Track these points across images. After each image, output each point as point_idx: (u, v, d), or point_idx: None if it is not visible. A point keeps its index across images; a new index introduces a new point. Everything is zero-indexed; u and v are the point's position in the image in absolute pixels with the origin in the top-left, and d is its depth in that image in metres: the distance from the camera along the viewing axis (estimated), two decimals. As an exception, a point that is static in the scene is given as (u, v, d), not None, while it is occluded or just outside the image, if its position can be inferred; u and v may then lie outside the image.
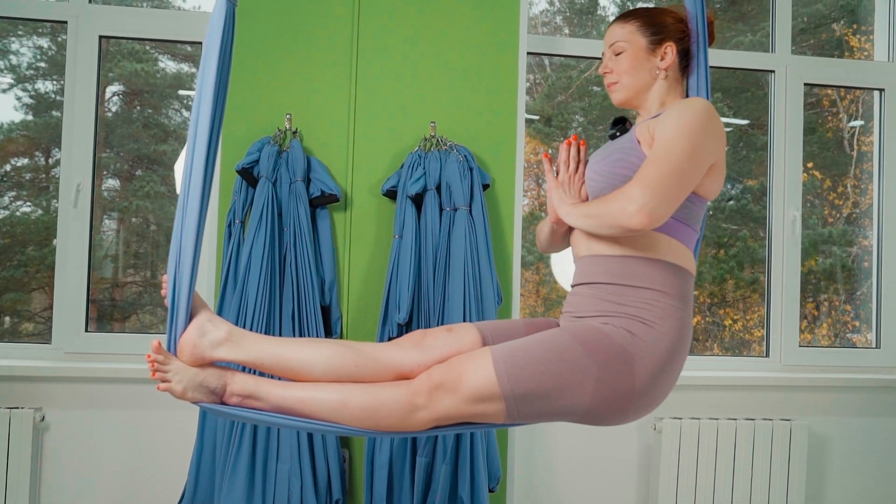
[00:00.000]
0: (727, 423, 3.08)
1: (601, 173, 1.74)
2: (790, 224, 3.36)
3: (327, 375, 1.61)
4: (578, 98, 3.61)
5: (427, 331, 1.72)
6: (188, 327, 1.60)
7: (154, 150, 3.28)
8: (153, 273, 3.30)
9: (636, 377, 1.56)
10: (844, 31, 3.67)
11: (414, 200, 2.79)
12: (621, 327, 1.60)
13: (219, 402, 1.61)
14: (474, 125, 2.95)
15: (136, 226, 3.33)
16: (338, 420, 1.57)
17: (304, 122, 2.86)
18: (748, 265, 3.62)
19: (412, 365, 1.64)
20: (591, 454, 3.13)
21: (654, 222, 1.53)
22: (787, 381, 3.21)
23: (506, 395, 1.54)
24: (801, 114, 3.40)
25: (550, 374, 1.54)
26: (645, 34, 1.79)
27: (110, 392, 2.89)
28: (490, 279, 2.78)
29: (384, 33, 2.92)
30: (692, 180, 1.60)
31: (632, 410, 1.60)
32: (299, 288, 2.70)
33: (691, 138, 1.59)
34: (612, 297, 1.65)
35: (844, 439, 3.29)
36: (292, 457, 2.61)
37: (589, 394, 1.55)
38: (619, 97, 1.83)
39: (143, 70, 3.28)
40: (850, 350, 3.48)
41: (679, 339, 1.63)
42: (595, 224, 1.64)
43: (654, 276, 1.64)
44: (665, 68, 1.79)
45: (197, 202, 1.57)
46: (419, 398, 1.56)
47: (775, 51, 3.41)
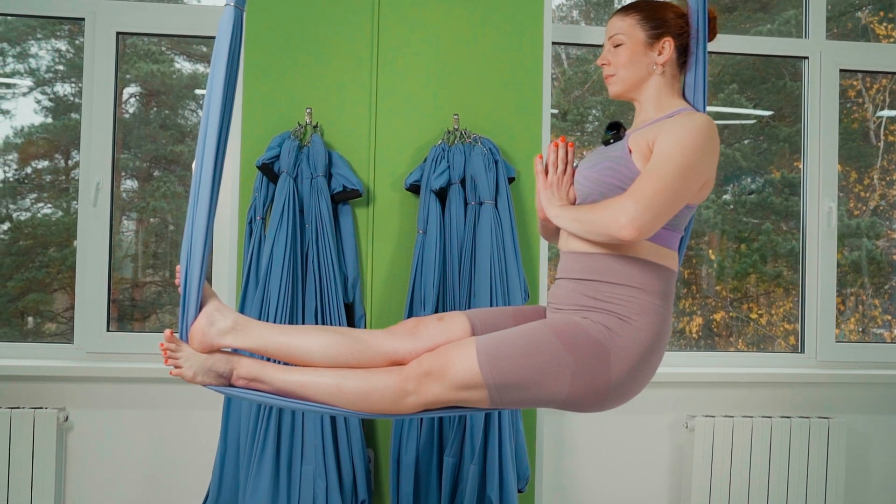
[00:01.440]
0: (762, 420, 2.99)
1: (590, 179, 1.77)
2: (825, 215, 3.26)
3: (325, 361, 1.72)
4: (595, 92, 3.54)
5: (419, 319, 1.81)
6: (198, 316, 1.71)
7: (171, 150, 3.26)
8: (172, 273, 3.29)
9: (612, 371, 1.64)
10: (870, 18, 3.56)
11: (438, 195, 2.73)
12: (599, 322, 1.67)
13: (226, 385, 1.72)
14: (498, 117, 2.88)
15: (155, 226, 3.31)
16: (334, 403, 1.69)
17: (324, 116, 2.81)
18: (771, 259, 3.52)
19: (404, 352, 1.74)
20: (622, 453, 3.05)
21: (642, 236, 1.60)
22: (824, 377, 3.12)
23: (488, 384, 1.63)
24: (836, 101, 3.29)
25: (529, 366, 1.63)
26: (644, 28, 1.81)
27: (133, 391, 2.86)
28: (517, 275, 2.72)
29: (405, 24, 2.86)
30: (684, 198, 1.66)
31: (608, 400, 1.68)
32: (322, 285, 2.65)
33: (689, 157, 1.63)
34: (591, 293, 1.71)
35: (886, 438, 3.18)
36: (317, 457, 2.56)
37: (566, 385, 1.63)
38: (615, 90, 1.85)
39: (160, 71, 3.26)
40: (888, 345, 3.37)
41: (656, 334, 1.68)
42: (583, 229, 1.70)
43: (633, 274, 1.70)
44: (662, 63, 1.81)
45: (207, 196, 1.67)
46: (409, 384, 1.67)
47: (808, 36, 3.31)
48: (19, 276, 3.21)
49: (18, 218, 3.25)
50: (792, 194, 3.47)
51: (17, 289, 3.21)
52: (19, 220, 3.25)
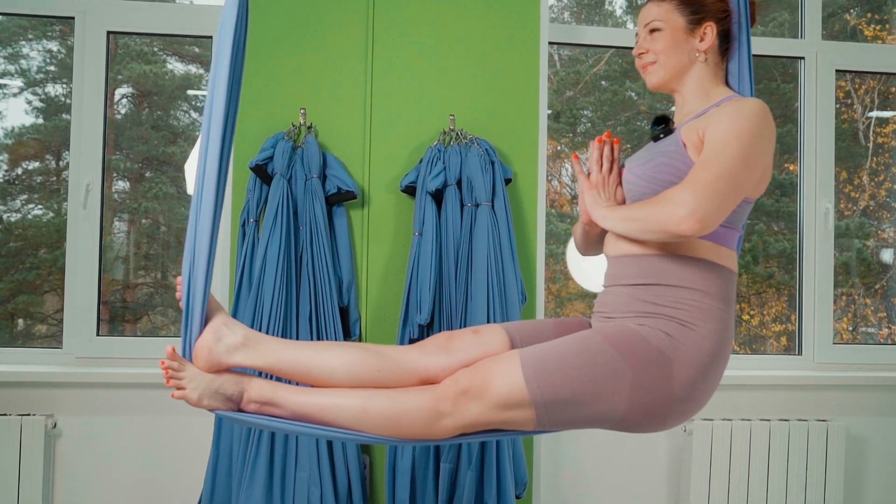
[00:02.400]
0: (760, 424, 2.96)
1: (643, 177, 1.63)
2: (822, 217, 3.24)
3: (348, 381, 1.54)
4: (588, 93, 3.52)
5: (452, 333, 1.64)
6: (203, 332, 1.53)
7: (163, 151, 3.22)
8: (164, 274, 3.24)
9: (675, 382, 1.48)
10: (858, 20, 3.55)
11: (434, 196, 2.69)
12: (658, 329, 1.51)
13: (236, 410, 1.55)
14: (494, 117, 2.85)
15: (146, 227, 3.26)
16: (359, 427, 1.50)
17: (318, 116, 2.77)
18: (763, 260, 3.50)
19: (437, 369, 1.56)
20: (620, 457, 3.02)
21: (704, 229, 1.43)
22: (823, 379, 3.09)
23: (535, 402, 1.46)
24: (832, 102, 3.28)
25: (583, 380, 1.46)
26: (683, 13, 1.68)
27: (123, 397, 2.81)
28: (514, 277, 2.68)
29: (400, 24, 2.83)
30: (745, 186, 1.50)
31: (669, 418, 1.51)
32: (316, 289, 2.61)
33: (746, 142, 1.49)
34: (648, 297, 1.55)
35: (883, 441, 3.16)
36: (311, 464, 2.52)
37: (624, 400, 1.46)
38: (654, 79, 1.71)
39: (152, 72, 3.21)
40: (886, 347, 3.36)
41: (721, 341, 1.53)
42: (636, 228, 1.53)
43: (693, 276, 1.54)
44: (704, 50, 1.68)
45: (211, 202, 1.51)
46: (444, 404, 1.49)
47: (804, 36, 3.29)
48: (9, 278, 3.16)
49: (9, 219, 3.20)
50: (783, 195, 3.45)
51: (7, 290, 3.16)
52: (9, 221, 3.20)
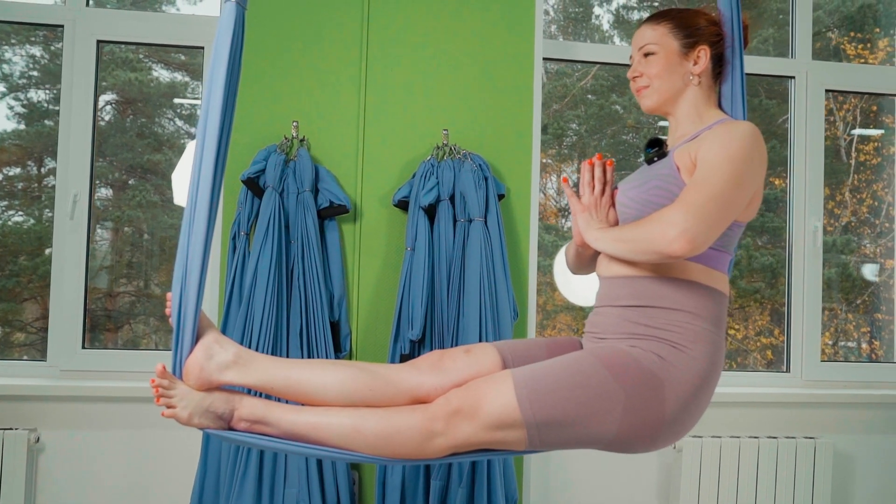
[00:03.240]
0: (749, 441, 2.97)
1: (637, 200, 1.64)
2: (811, 234, 3.26)
3: (340, 399, 1.53)
4: (574, 106, 3.52)
5: (444, 351, 1.64)
6: (194, 349, 1.52)
7: (147, 159, 3.18)
8: (146, 283, 3.20)
9: (666, 404, 1.48)
10: (840, 38, 3.59)
11: (427, 211, 2.67)
12: (650, 350, 1.52)
13: (226, 428, 1.53)
14: (488, 132, 2.84)
15: (129, 235, 3.21)
16: (351, 447, 1.50)
17: (311, 129, 2.75)
18: (748, 274, 3.52)
19: (429, 388, 1.56)
20: (609, 474, 3.02)
21: (695, 249, 1.44)
22: (810, 397, 3.11)
23: (528, 423, 1.46)
24: (822, 121, 3.30)
25: (575, 401, 1.46)
26: (677, 37, 1.69)
27: (108, 412, 2.76)
28: (506, 294, 2.67)
29: (394, 37, 2.81)
30: (736, 208, 1.51)
31: (660, 438, 1.52)
32: (307, 303, 2.58)
33: (737, 164, 1.50)
34: (640, 319, 1.56)
35: (870, 458, 3.18)
36: (300, 480, 2.49)
37: (616, 421, 1.46)
38: (649, 103, 1.72)
39: (137, 79, 3.18)
40: (873, 365, 3.38)
41: (711, 364, 1.54)
42: (628, 249, 1.54)
43: (685, 298, 1.55)
44: (698, 73, 1.69)
45: (204, 217, 1.49)
46: (436, 424, 1.48)
47: (795, 56, 3.32)
48: (-11, 286, 3.11)
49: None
50: (768, 210, 3.48)
51: (-14, 298, 3.11)
52: (-10, 228, 3.14)
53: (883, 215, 3.58)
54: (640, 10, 3.67)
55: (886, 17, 3.59)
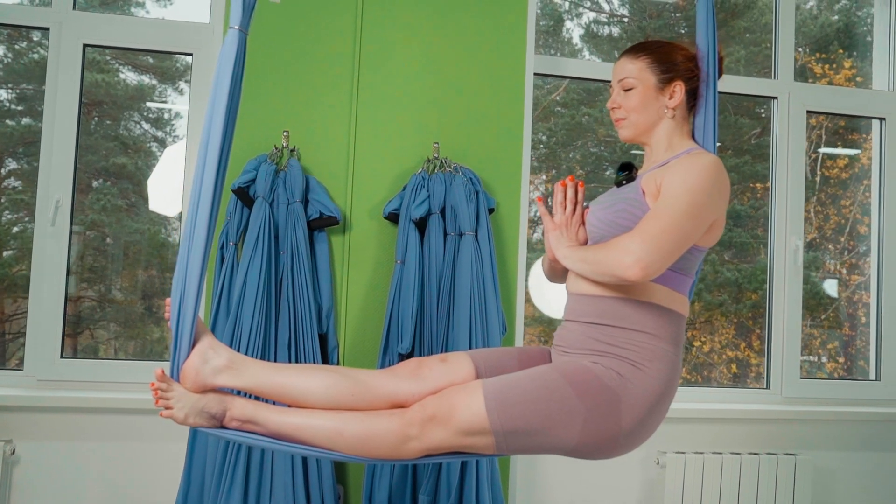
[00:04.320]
0: (731, 457, 3.00)
1: (604, 221, 1.74)
2: (791, 252, 3.31)
3: (324, 403, 1.65)
4: (544, 118, 3.55)
5: (422, 360, 1.75)
6: (190, 354, 1.63)
7: (113, 162, 3.11)
8: (108, 288, 3.12)
9: (623, 418, 1.60)
10: (807, 58, 3.67)
11: (417, 224, 2.67)
12: (611, 368, 1.63)
13: (219, 427, 1.65)
14: (478, 146, 2.84)
15: (92, 239, 3.13)
16: (332, 447, 1.61)
17: (301, 139, 2.73)
18: (716, 288, 3.57)
19: (406, 394, 1.67)
20: (594, 490, 3.02)
21: (647, 276, 1.55)
22: (790, 413, 3.15)
23: (495, 431, 1.58)
24: (803, 140, 3.36)
25: (539, 413, 1.57)
26: (655, 72, 1.79)
27: (87, 423, 2.69)
28: (495, 308, 2.67)
29: (387, 49, 2.81)
30: (691, 238, 1.62)
31: (617, 449, 1.64)
32: (296, 315, 2.56)
33: (695, 196, 1.60)
34: (603, 338, 1.67)
35: (849, 474, 3.23)
36: (286, 494, 2.46)
37: (577, 432, 1.58)
38: (626, 134, 1.83)
39: (104, 81, 3.12)
40: (851, 382, 3.44)
41: (667, 381, 1.65)
42: (590, 270, 1.65)
43: (645, 319, 1.66)
44: (673, 107, 1.79)
45: (204, 230, 1.59)
46: (412, 429, 1.60)
47: (777, 77, 3.37)
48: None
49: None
50: (735, 225, 3.53)
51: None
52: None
53: (847, 233, 3.65)
54: (609, 24, 3.71)
55: (848, 38, 3.68)
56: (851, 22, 3.71)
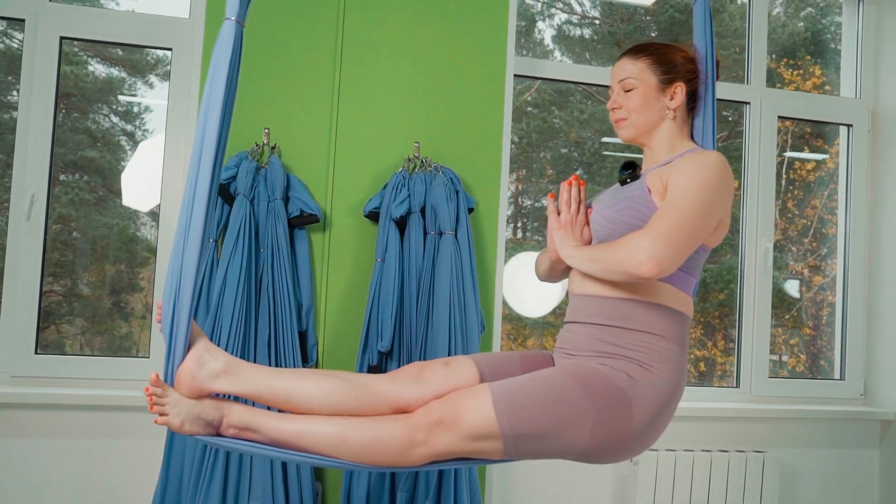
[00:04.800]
0: (702, 455, 3.06)
1: (610, 219, 1.73)
2: (762, 255, 3.38)
3: (326, 408, 1.60)
4: (516, 119, 3.59)
5: (424, 364, 1.71)
6: (186, 358, 1.57)
7: (81, 155, 3.06)
8: (74, 283, 3.08)
9: (633, 420, 1.58)
10: (775, 64, 3.75)
11: (397, 223, 2.68)
12: (620, 370, 1.61)
13: (215, 434, 1.59)
14: (458, 146, 2.86)
15: (57, 233, 3.08)
16: (335, 454, 1.56)
17: (282, 137, 2.72)
18: None
19: (409, 399, 1.63)
20: (568, 487, 3.06)
21: (661, 273, 1.53)
22: (759, 412, 3.22)
23: (504, 435, 1.54)
24: (774, 145, 3.44)
25: (550, 416, 1.55)
26: (656, 72, 1.78)
27: (62, 420, 2.66)
28: (474, 307, 2.70)
29: (368, 47, 2.82)
30: (702, 234, 1.61)
31: (626, 451, 1.62)
32: (276, 312, 2.56)
33: (704, 193, 1.60)
34: (611, 339, 1.65)
35: (813, 471, 3.32)
36: (265, 492, 2.46)
37: (587, 435, 1.56)
38: (627, 134, 1.81)
39: (73, 73, 3.07)
40: (817, 382, 3.52)
41: (675, 382, 1.64)
42: (600, 269, 1.63)
43: (653, 321, 1.65)
44: (674, 108, 1.79)
45: (199, 229, 1.53)
46: (418, 434, 1.55)
47: (750, 83, 3.44)
48: None
49: None
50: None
51: None
52: None
53: (811, 235, 3.74)
54: (581, 26, 3.75)
55: (815, 45, 3.77)
56: (817, 29, 3.80)
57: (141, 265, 3.12)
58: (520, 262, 3.40)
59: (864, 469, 3.38)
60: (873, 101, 3.56)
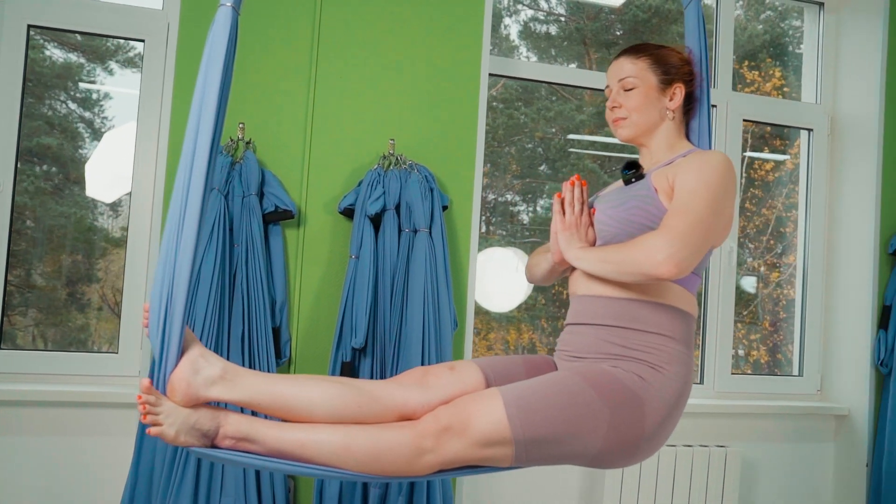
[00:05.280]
0: (667, 449, 3.13)
1: (616, 219, 1.71)
2: (726, 255, 3.46)
3: (328, 416, 1.52)
4: None
5: (428, 368, 1.66)
6: (179, 364, 1.47)
7: (37, 143, 2.99)
8: (29, 273, 3.00)
9: (646, 422, 1.55)
10: (738, 65, 3.85)
11: (372, 220, 2.68)
12: (631, 371, 1.59)
13: (210, 446, 1.49)
14: (433, 144, 2.88)
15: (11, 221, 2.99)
16: (340, 465, 1.48)
17: (257, 132, 2.70)
18: None
19: (415, 405, 1.57)
20: (536, 481, 3.11)
21: (681, 273, 1.52)
22: (721, 408, 3.31)
23: (517, 440, 1.49)
24: (739, 148, 3.53)
25: (564, 419, 1.50)
26: (656, 73, 1.78)
27: (25, 417, 2.60)
28: (448, 304, 2.72)
29: (344, 45, 2.81)
30: (715, 233, 1.61)
31: (638, 454, 1.59)
32: (250, 308, 2.55)
33: (714, 192, 1.59)
34: (619, 340, 1.63)
35: (772, 464, 3.42)
36: (237, 489, 2.45)
37: (601, 438, 1.52)
38: (626, 133, 1.80)
39: (29, 57, 2.99)
40: (776, 378, 3.63)
41: (685, 383, 1.63)
42: (613, 270, 1.60)
43: (661, 321, 1.63)
44: (673, 109, 1.79)
45: (194, 228, 1.45)
46: (426, 441, 1.49)
47: (717, 86, 3.52)
48: None
49: None
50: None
51: None
52: None
53: (769, 233, 3.85)
54: (547, 23, 3.78)
55: (775, 49, 3.87)
56: (777, 33, 3.90)
57: (100, 255, 3.06)
58: (487, 257, 3.43)
59: (819, 462, 3.50)
60: (833, 106, 3.67)
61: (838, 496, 3.48)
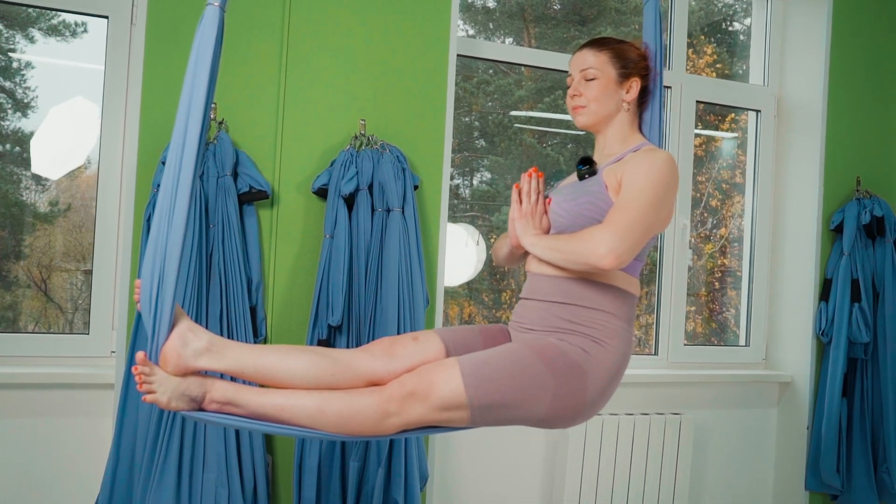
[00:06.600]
0: (626, 418, 3.29)
1: (569, 212, 1.87)
2: (680, 231, 3.62)
3: (305, 383, 1.69)
4: None
5: (395, 339, 1.83)
6: (170, 337, 1.63)
7: None
8: None
9: (587, 391, 1.74)
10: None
11: (346, 200, 2.73)
12: (576, 345, 1.76)
13: (198, 409, 1.66)
14: (403, 125, 2.93)
15: None
16: (314, 426, 1.65)
17: (229, 112, 2.71)
18: None
19: (382, 373, 1.74)
20: (502, 450, 3.23)
21: (620, 265, 1.69)
22: (675, 377, 3.48)
23: (471, 405, 1.67)
24: (692, 129, 3.67)
25: (513, 387, 1.69)
26: (616, 66, 1.93)
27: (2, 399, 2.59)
28: (420, 281, 2.79)
29: (315, 24, 2.82)
30: (654, 228, 1.78)
31: (580, 417, 1.79)
32: (227, 288, 2.57)
33: (657, 190, 1.76)
34: (567, 316, 1.80)
35: (721, 430, 3.62)
36: (219, 465, 2.49)
37: (546, 405, 1.71)
38: (584, 120, 1.95)
39: None
40: (724, 348, 3.83)
41: (624, 356, 1.82)
42: (561, 258, 1.78)
43: (605, 300, 1.81)
44: (629, 101, 1.94)
45: (184, 209, 1.58)
46: (392, 405, 1.66)
47: (672, 68, 3.65)
48: None
49: None
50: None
51: None
52: None
53: (702, 206, 4.03)
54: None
55: (710, 27, 4.03)
56: (710, 10, 4.04)
57: (26, 231, 2.99)
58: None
59: (764, 427, 3.72)
60: (779, 88, 3.85)
61: (781, 457, 3.71)
